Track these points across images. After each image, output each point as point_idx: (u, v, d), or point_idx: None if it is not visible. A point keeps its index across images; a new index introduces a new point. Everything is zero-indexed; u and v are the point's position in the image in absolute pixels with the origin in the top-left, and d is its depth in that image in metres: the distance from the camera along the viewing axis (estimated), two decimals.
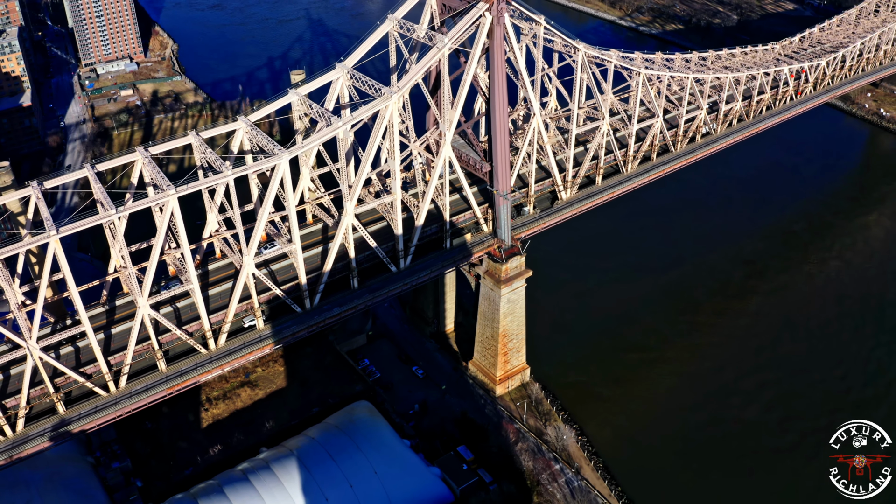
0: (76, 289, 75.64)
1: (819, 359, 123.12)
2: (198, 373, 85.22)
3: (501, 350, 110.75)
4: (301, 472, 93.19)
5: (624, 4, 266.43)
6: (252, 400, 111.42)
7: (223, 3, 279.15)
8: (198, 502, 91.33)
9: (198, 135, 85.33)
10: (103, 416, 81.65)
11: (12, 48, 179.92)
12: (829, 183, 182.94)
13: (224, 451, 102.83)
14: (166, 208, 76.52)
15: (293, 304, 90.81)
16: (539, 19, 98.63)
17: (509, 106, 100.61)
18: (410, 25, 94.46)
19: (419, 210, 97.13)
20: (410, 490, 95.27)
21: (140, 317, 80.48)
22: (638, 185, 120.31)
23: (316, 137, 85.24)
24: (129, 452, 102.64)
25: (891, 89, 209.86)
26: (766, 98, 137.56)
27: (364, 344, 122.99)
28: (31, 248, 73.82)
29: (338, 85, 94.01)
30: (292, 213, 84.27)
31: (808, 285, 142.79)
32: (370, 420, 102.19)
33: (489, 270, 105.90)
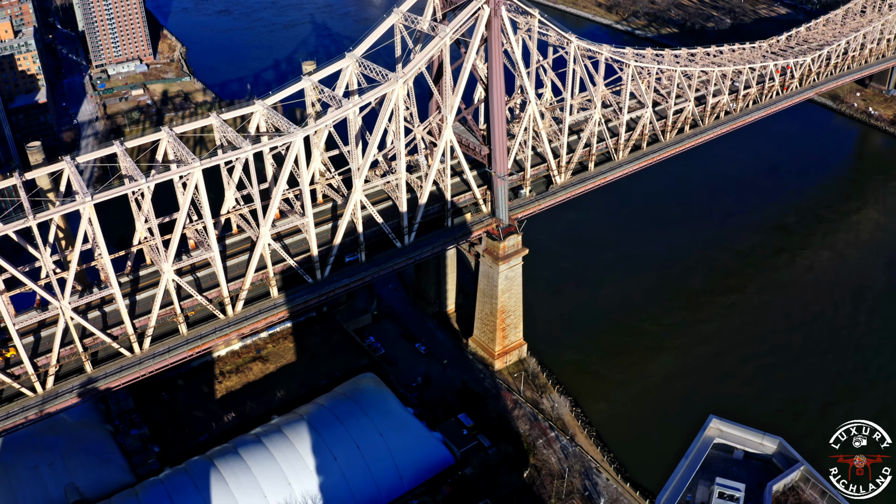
0: (106, 252, 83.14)
1: (813, 346, 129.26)
2: (216, 336, 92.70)
3: (500, 326, 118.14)
4: (311, 434, 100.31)
5: (620, 9, 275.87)
6: (263, 373, 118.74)
7: (230, 8, 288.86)
8: (214, 463, 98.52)
9: (218, 116, 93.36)
10: (128, 374, 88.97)
11: (28, 47, 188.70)
12: (821, 179, 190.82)
13: (237, 419, 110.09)
14: (191, 179, 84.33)
15: (305, 274, 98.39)
16: (534, 13, 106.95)
17: (506, 95, 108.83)
18: (415, 17, 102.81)
19: (422, 190, 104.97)
20: (414, 452, 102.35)
21: (165, 282, 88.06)
22: (629, 171, 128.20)
23: (328, 117, 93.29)
24: (146, 421, 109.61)
25: (879, 89, 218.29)
26: (752, 92, 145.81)
27: (369, 323, 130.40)
28: (66, 212, 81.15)
29: (347, 72, 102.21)
30: (305, 187, 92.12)
31: (801, 274, 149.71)
32: (376, 389, 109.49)
33: (488, 248, 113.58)
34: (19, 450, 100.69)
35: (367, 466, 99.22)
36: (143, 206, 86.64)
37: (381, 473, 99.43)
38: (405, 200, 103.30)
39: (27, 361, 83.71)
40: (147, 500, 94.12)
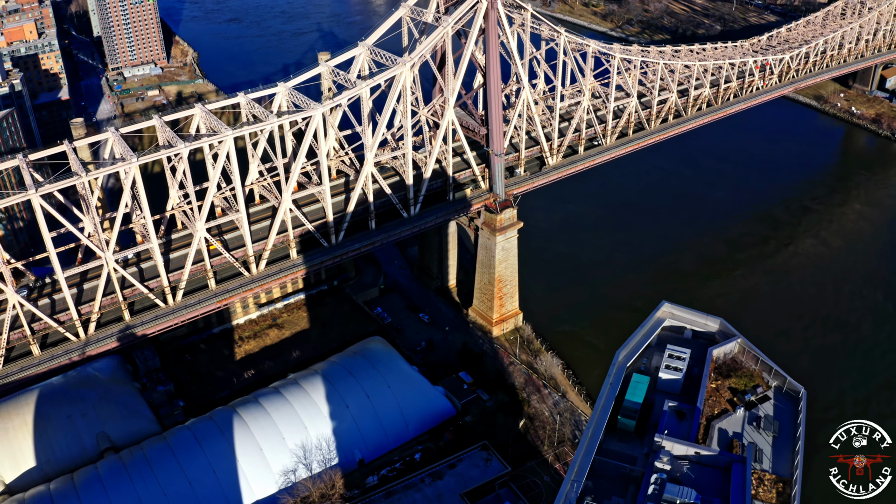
0: (148, 209, 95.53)
1: (796, 322, 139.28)
2: (241, 290, 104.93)
3: (497, 294, 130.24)
4: (325, 385, 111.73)
5: (615, 17, 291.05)
6: (279, 338, 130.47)
7: (240, 17, 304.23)
8: (237, 411, 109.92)
9: (245, 95, 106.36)
10: (162, 322, 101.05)
11: (52, 47, 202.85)
12: (807, 174, 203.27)
13: (256, 376, 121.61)
14: (223, 147, 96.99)
15: (321, 238, 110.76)
16: (527, 6, 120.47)
17: (502, 82, 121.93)
18: (420, 10, 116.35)
19: (427, 165, 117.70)
20: (419, 403, 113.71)
21: (197, 240, 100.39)
22: (615, 155, 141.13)
23: (344, 95, 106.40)
24: (171, 379, 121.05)
25: (862, 90, 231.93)
26: (732, 86, 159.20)
27: (376, 296, 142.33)
28: (114, 171, 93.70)
29: (360, 59, 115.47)
30: (323, 157, 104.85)
31: (787, 260, 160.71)
32: (384, 349, 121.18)
33: (486, 221, 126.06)
34: (55, 402, 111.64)
35: (377, 414, 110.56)
36: (178, 172, 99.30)
37: (389, 421, 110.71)
38: (411, 174, 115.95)
39: (73, 308, 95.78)
40: (175, 443, 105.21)
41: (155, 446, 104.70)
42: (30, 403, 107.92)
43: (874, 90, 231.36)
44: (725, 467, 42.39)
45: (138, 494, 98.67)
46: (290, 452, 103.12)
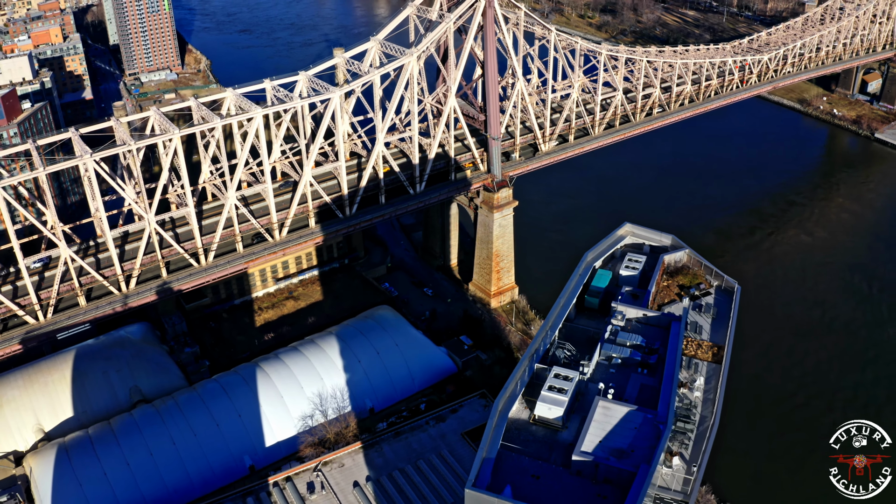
0: (187, 177, 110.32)
1: (778, 300, 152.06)
2: (266, 253, 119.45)
3: (495, 268, 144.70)
4: (339, 343, 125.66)
5: (609, 28, 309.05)
6: (296, 308, 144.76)
7: (251, 28, 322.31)
8: (259, 365, 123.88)
9: (271, 81, 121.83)
10: (196, 279, 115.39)
11: (76, 50, 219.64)
12: (793, 171, 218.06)
13: (275, 339, 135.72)
14: (253, 123, 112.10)
15: (337, 210, 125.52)
16: (521, 6, 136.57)
17: (499, 75, 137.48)
18: (426, 9, 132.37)
19: (431, 147, 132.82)
20: (423, 360, 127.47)
21: (228, 207, 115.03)
22: (603, 144, 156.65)
23: (359, 81, 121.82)
24: (197, 342, 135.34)
25: (844, 93, 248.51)
26: (713, 84, 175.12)
27: (384, 274, 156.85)
28: (158, 141, 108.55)
29: (371, 52, 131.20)
30: (340, 136, 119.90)
31: (773, 247, 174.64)
32: (392, 315, 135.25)
33: (485, 200, 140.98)
34: (91, 360, 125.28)
35: (385, 369, 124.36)
36: (211, 147, 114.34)
37: (397, 375, 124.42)
38: (417, 155, 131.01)
39: (117, 264, 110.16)
40: (204, 393, 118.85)
41: (186, 395, 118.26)
42: (68, 361, 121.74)
43: (856, 94, 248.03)
44: (667, 326, 56.40)
45: (171, 435, 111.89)
46: (308, 400, 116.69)
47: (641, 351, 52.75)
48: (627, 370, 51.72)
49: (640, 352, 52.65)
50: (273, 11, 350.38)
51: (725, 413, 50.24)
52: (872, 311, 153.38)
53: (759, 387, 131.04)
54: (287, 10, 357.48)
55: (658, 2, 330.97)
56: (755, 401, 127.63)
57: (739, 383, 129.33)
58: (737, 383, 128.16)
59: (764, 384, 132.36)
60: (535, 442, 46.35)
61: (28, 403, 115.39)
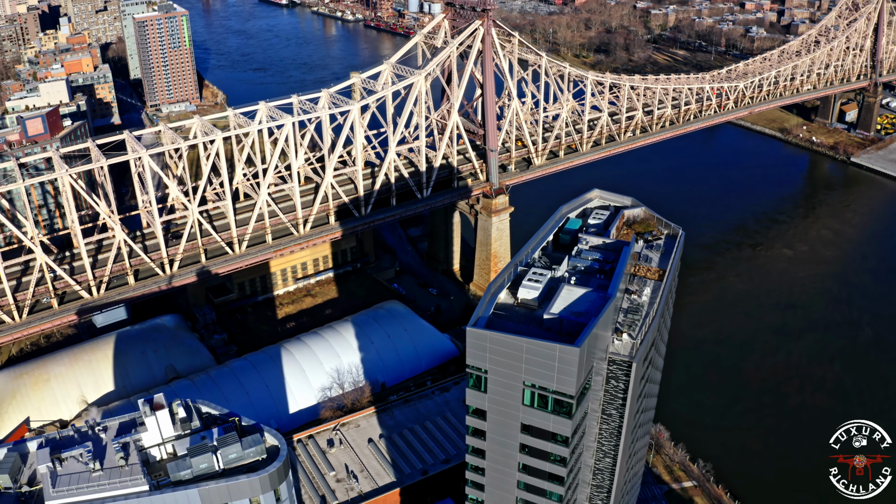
0: (227, 175, 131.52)
1: (760, 305, 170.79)
2: (291, 244, 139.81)
3: (493, 268, 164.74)
4: (355, 328, 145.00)
5: (602, 66, 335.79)
6: (313, 304, 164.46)
7: (264, 66, 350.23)
8: (283, 345, 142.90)
9: (297, 96, 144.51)
10: (230, 265, 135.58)
11: (106, 79, 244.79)
12: (776, 193, 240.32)
13: (296, 328, 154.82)
14: (283, 130, 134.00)
15: (354, 209, 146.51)
16: (515, 34, 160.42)
17: (496, 95, 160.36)
18: (432, 35, 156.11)
19: (436, 158, 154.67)
20: (430, 344, 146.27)
21: (260, 203, 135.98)
22: (590, 159, 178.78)
23: (374, 97, 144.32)
24: (225, 330, 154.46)
25: (823, 122, 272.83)
26: (692, 108, 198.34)
27: (393, 276, 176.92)
28: (203, 141, 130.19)
29: (384, 73, 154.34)
30: (359, 144, 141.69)
31: (757, 261, 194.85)
32: (402, 307, 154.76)
33: (484, 205, 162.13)
34: (130, 342, 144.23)
35: (396, 350, 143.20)
36: (244, 151, 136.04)
37: (406, 356, 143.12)
38: (424, 164, 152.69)
39: (163, 249, 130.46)
40: (235, 369, 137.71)
41: (219, 370, 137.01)
42: (109, 343, 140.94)
43: (834, 122, 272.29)
44: (620, 249, 76.25)
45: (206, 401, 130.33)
46: (327, 374, 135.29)
47: (600, 262, 72.52)
48: (588, 276, 71.32)
49: (599, 263, 72.42)
50: (285, 52, 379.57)
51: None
52: (849, 313, 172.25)
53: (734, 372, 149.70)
54: (298, 50, 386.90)
55: (649, 42, 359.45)
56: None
57: (709, 369, 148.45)
58: (706, 368, 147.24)
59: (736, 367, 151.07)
60: (517, 316, 65.72)
61: (73, 378, 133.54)
